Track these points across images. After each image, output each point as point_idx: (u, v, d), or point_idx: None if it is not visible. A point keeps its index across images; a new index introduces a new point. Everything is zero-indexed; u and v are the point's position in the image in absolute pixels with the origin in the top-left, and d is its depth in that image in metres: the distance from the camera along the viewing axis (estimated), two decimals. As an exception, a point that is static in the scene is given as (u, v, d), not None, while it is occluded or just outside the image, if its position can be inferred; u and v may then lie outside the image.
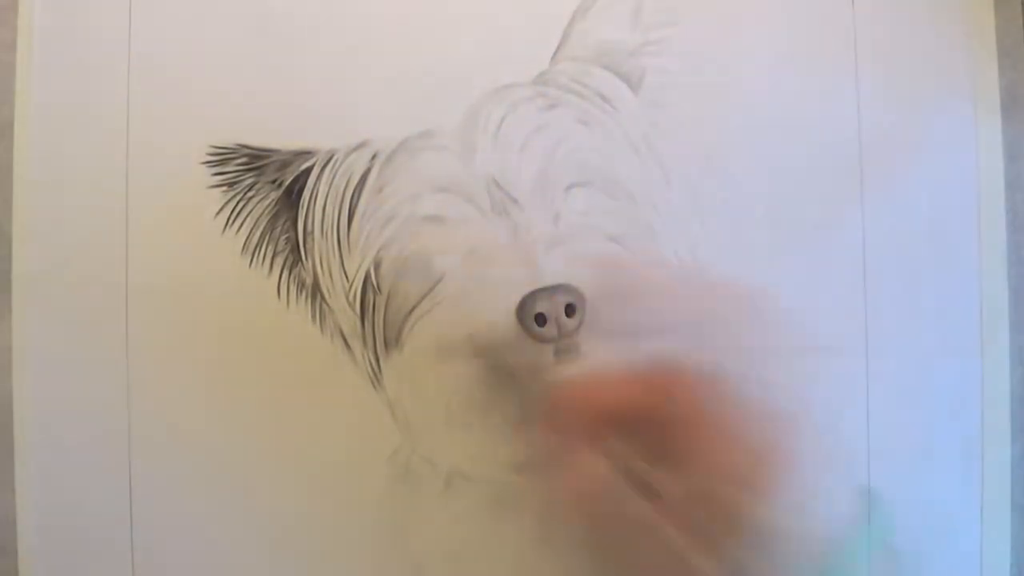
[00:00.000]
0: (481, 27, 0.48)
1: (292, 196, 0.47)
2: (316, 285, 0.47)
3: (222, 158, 0.48)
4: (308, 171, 0.47)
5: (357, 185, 0.47)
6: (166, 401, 0.48)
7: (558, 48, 0.48)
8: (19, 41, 0.48)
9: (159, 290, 0.48)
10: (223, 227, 0.48)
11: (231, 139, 0.48)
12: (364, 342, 0.47)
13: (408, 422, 0.47)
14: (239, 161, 0.48)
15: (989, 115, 0.50)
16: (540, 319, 0.46)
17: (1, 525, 0.47)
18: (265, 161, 0.48)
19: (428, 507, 0.48)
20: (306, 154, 0.47)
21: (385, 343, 0.47)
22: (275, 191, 0.48)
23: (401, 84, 0.48)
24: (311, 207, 0.47)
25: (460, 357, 0.47)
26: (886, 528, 0.36)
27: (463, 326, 0.47)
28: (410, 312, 0.47)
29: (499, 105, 0.47)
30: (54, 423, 0.48)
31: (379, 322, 0.47)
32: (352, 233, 0.47)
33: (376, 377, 0.47)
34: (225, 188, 0.48)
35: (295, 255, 0.48)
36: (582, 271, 0.46)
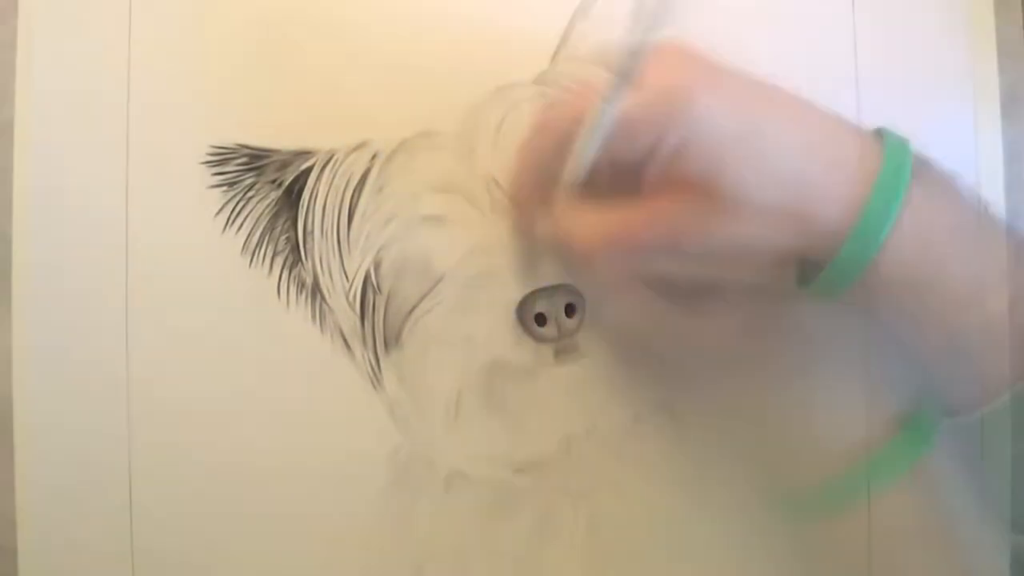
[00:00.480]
0: (481, 27, 0.48)
1: (292, 196, 0.47)
2: (316, 285, 0.47)
3: (222, 158, 0.48)
4: (308, 171, 0.47)
5: (357, 185, 0.47)
6: (166, 401, 0.48)
7: (558, 48, 0.48)
8: (19, 41, 0.48)
9: (159, 290, 0.48)
10: (223, 227, 0.48)
11: (231, 139, 0.48)
12: (364, 342, 0.47)
13: (408, 422, 0.47)
14: (239, 161, 0.47)
15: (989, 115, 0.50)
16: (540, 319, 0.46)
17: (1, 525, 0.47)
18: (265, 161, 0.47)
19: (428, 507, 0.48)
20: (306, 154, 0.47)
21: (385, 343, 0.47)
22: (275, 191, 0.48)
23: (401, 84, 0.48)
24: (311, 207, 0.47)
25: (460, 357, 0.47)
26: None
27: (463, 326, 0.47)
28: (410, 312, 0.47)
29: (499, 105, 0.47)
30: (54, 423, 0.48)
31: (379, 322, 0.47)
32: (352, 233, 0.47)
33: (376, 377, 0.47)
34: (225, 188, 0.48)
35: (295, 255, 0.47)
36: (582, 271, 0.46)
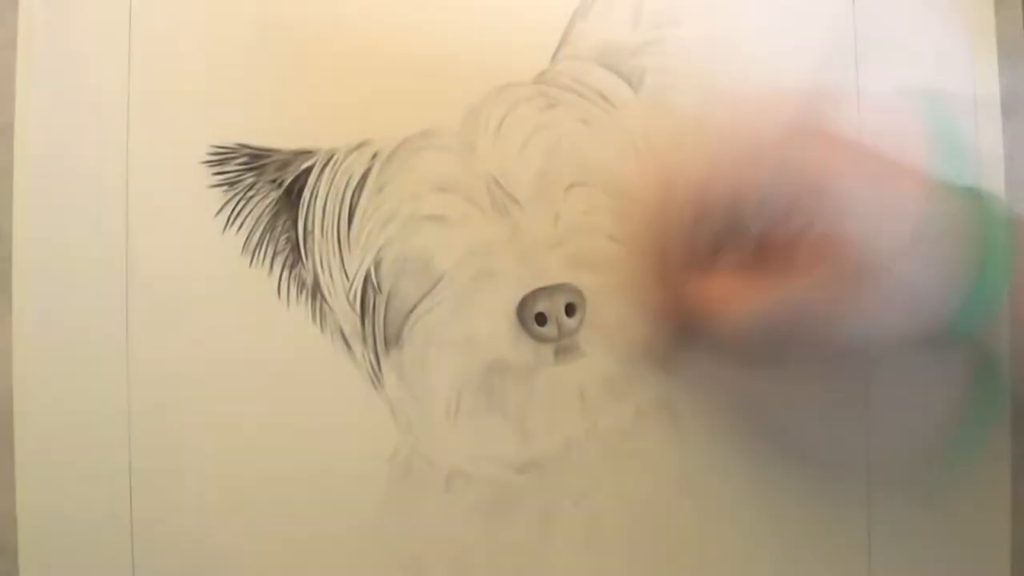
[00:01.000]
0: (481, 27, 0.48)
1: (292, 196, 0.47)
2: (316, 285, 0.47)
3: (222, 158, 0.48)
4: (308, 170, 0.47)
5: (357, 184, 0.47)
6: (166, 401, 0.48)
7: (558, 47, 0.48)
8: (19, 41, 0.48)
9: (159, 290, 0.48)
10: (223, 227, 0.48)
11: (231, 138, 0.48)
12: (364, 342, 0.47)
13: (408, 422, 0.47)
14: (239, 160, 0.47)
15: (989, 115, 0.50)
16: (540, 319, 0.46)
17: (1, 525, 0.47)
18: (265, 160, 0.47)
19: (428, 507, 0.48)
20: (306, 153, 0.47)
21: (385, 342, 0.47)
22: (275, 191, 0.48)
23: (401, 83, 0.48)
24: (311, 206, 0.47)
25: (460, 357, 0.47)
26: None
27: (463, 326, 0.47)
28: (410, 312, 0.47)
29: (499, 104, 0.47)
30: (54, 423, 0.48)
31: (379, 322, 0.47)
32: (352, 232, 0.47)
33: (376, 377, 0.47)
34: (225, 188, 0.48)
35: (295, 255, 0.47)
36: (582, 271, 0.46)
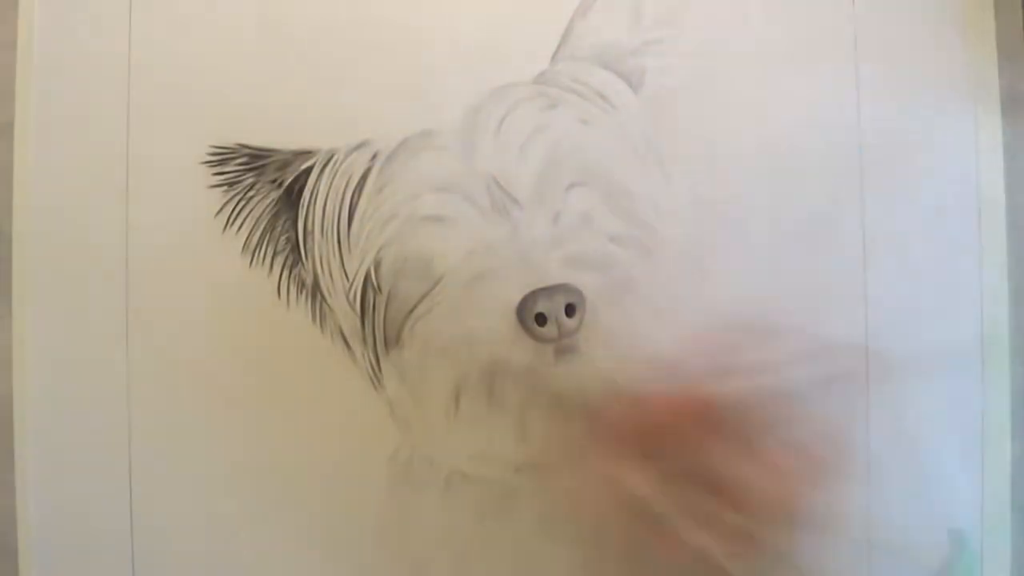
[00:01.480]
0: (481, 27, 0.48)
1: (292, 196, 0.47)
2: (316, 285, 0.47)
3: (222, 158, 0.48)
4: (308, 171, 0.47)
5: (357, 185, 0.47)
6: (166, 401, 0.48)
7: (558, 48, 0.48)
8: (19, 41, 0.48)
9: (159, 290, 0.48)
10: (223, 227, 0.48)
11: (231, 139, 0.48)
12: (364, 342, 0.47)
13: (408, 422, 0.47)
14: (239, 161, 0.48)
15: (989, 115, 0.50)
16: (540, 319, 0.46)
17: (1, 525, 0.47)
18: (265, 161, 0.48)
19: (428, 507, 0.48)
20: (306, 154, 0.47)
21: (385, 343, 0.47)
22: (275, 191, 0.48)
23: (401, 84, 0.48)
24: (311, 207, 0.47)
25: (460, 357, 0.47)
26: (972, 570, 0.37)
27: (463, 326, 0.47)
28: (410, 312, 0.47)
29: (499, 105, 0.47)
30: (54, 423, 0.48)
31: (379, 322, 0.47)
32: (352, 233, 0.47)
33: (376, 377, 0.47)
34: (225, 188, 0.48)
35: (295, 255, 0.48)
36: (582, 271, 0.46)
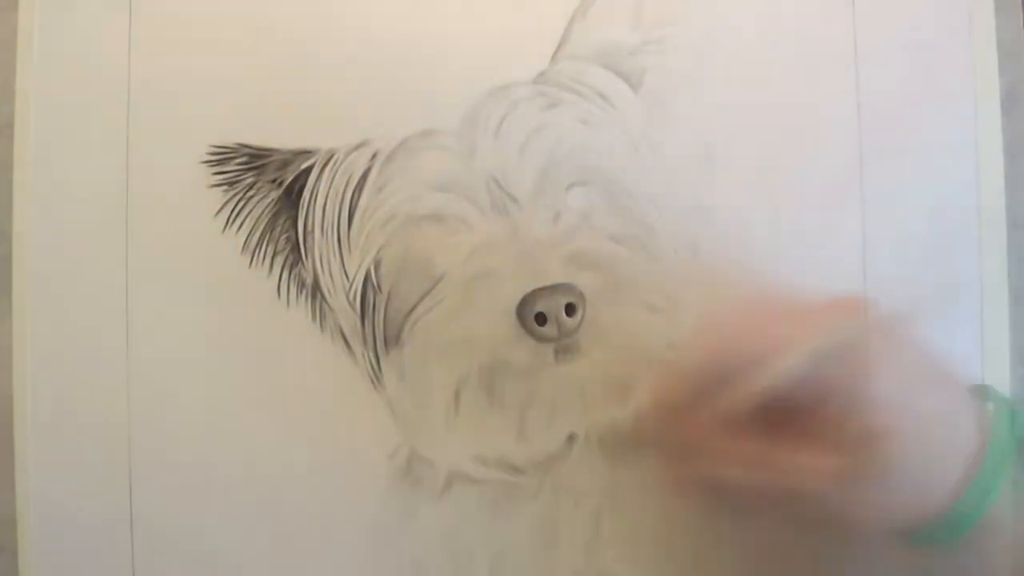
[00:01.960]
0: (481, 27, 0.48)
1: (292, 195, 0.47)
2: (316, 284, 0.47)
3: (222, 157, 0.48)
4: (308, 170, 0.47)
5: (357, 184, 0.47)
6: (166, 401, 0.48)
7: (558, 47, 0.48)
8: (19, 40, 0.48)
9: (159, 290, 0.48)
10: (223, 227, 0.48)
11: (231, 138, 0.48)
12: (364, 341, 0.47)
13: (408, 422, 0.47)
14: (239, 160, 0.48)
15: (989, 114, 0.50)
16: (540, 319, 0.46)
17: (1, 525, 0.47)
18: (265, 160, 0.47)
19: (428, 507, 0.48)
20: (306, 153, 0.47)
21: (385, 342, 0.47)
22: (275, 190, 0.48)
23: (401, 83, 0.48)
24: (311, 206, 0.47)
25: (460, 356, 0.47)
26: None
27: (463, 326, 0.47)
28: (410, 311, 0.47)
29: (499, 104, 0.47)
30: (54, 423, 0.48)
31: (379, 321, 0.47)
32: (352, 232, 0.47)
33: (376, 376, 0.47)
34: (225, 187, 0.48)
35: (295, 254, 0.47)
36: (582, 270, 0.46)
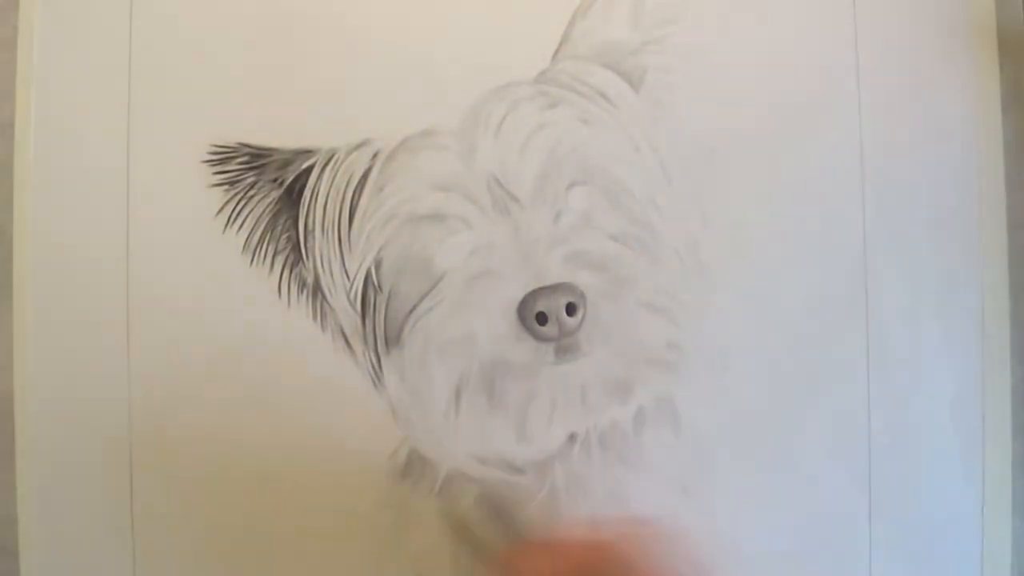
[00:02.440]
0: (482, 26, 0.48)
1: (293, 195, 0.47)
2: (317, 284, 0.47)
3: (223, 157, 0.48)
4: (309, 170, 0.47)
5: (358, 184, 0.47)
6: (166, 400, 0.48)
7: (559, 47, 0.48)
8: (19, 40, 0.48)
9: (159, 290, 0.48)
10: (224, 226, 0.48)
11: (232, 138, 0.48)
12: (365, 341, 0.47)
13: (409, 421, 0.47)
14: (240, 160, 0.48)
15: (990, 113, 0.50)
16: (541, 318, 0.46)
17: (1, 525, 0.47)
18: (266, 160, 0.48)
19: (428, 506, 0.48)
20: (307, 153, 0.47)
21: (386, 342, 0.47)
22: (276, 190, 0.48)
23: (402, 83, 0.48)
24: (312, 206, 0.47)
25: (461, 356, 0.47)
26: None
27: (464, 325, 0.47)
28: (411, 311, 0.47)
29: (500, 104, 0.47)
30: (54, 423, 0.48)
31: (380, 321, 0.47)
32: (353, 232, 0.47)
33: (377, 376, 0.47)
34: (226, 187, 0.48)
35: (296, 254, 0.48)
36: (583, 270, 0.46)
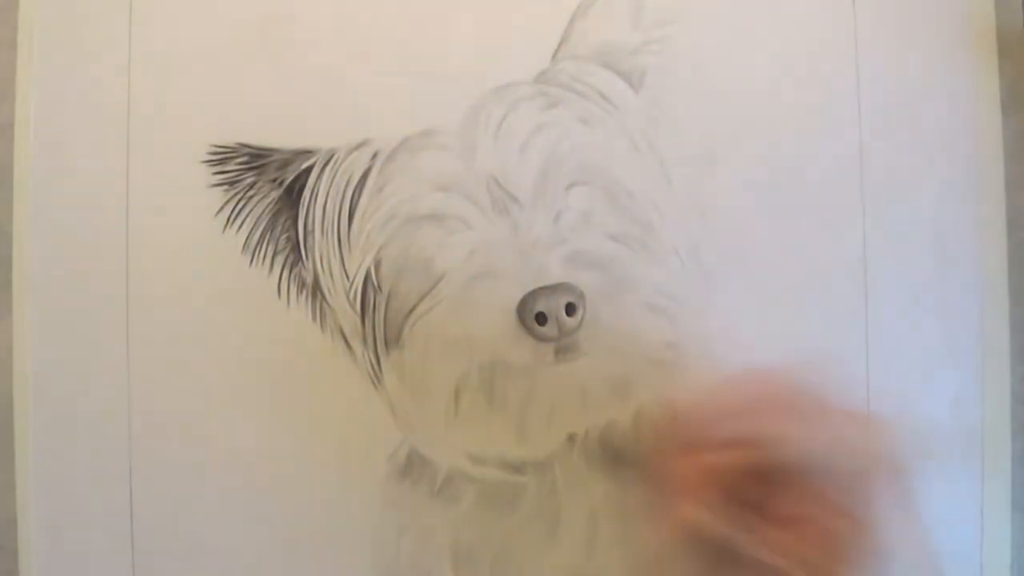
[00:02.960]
0: (482, 26, 0.48)
1: (293, 195, 0.47)
2: (317, 284, 0.47)
3: (222, 157, 0.48)
4: (309, 170, 0.47)
5: (358, 184, 0.47)
6: (166, 401, 0.48)
7: (559, 47, 0.48)
8: (20, 40, 0.48)
9: (159, 290, 0.48)
10: (223, 226, 0.48)
11: (232, 138, 0.48)
12: (365, 341, 0.47)
13: (408, 421, 0.47)
14: (240, 160, 0.48)
15: (989, 114, 0.50)
16: (541, 318, 0.46)
17: (1, 525, 0.47)
18: (266, 160, 0.48)
19: (428, 506, 0.48)
20: (307, 153, 0.47)
21: (386, 342, 0.47)
22: (276, 190, 0.48)
23: (402, 83, 0.48)
24: (312, 206, 0.47)
25: (460, 356, 0.47)
26: None
27: (463, 325, 0.47)
28: (411, 311, 0.47)
29: (500, 104, 0.47)
30: (54, 423, 0.48)
31: (379, 321, 0.47)
32: (353, 232, 0.47)
33: (376, 376, 0.47)
34: (225, 187, 0.48)
35: (295, 254, 0.48)
36: (582, 270, 0.46)
